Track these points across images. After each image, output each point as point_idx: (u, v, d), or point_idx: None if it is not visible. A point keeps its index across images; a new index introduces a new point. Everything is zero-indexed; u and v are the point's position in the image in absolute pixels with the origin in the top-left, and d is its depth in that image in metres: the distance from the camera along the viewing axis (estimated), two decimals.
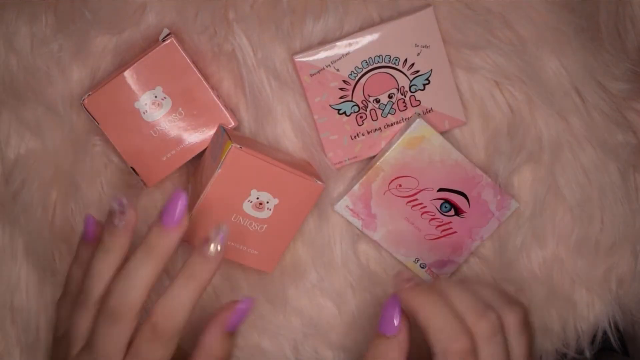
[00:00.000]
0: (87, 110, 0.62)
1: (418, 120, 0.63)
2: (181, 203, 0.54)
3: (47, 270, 0.67)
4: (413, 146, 0.64)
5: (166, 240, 0.54)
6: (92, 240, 0.59)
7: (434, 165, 0.64)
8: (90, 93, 0.61)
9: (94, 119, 0.62)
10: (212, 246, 0.53)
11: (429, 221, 0.66)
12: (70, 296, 0.60)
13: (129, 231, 0.55)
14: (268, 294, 0.67)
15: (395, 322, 0.54)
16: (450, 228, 0.67)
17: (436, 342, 0.52)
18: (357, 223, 0.66)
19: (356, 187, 0.65)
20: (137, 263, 0.54)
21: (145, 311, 0.54)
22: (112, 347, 0.54)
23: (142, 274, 0.53)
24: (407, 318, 0.55)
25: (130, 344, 0.54)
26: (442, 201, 0.66)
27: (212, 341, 0.57)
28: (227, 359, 0.58)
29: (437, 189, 0.65)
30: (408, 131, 0.63)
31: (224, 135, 0.59)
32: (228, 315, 0.57)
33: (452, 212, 0.66)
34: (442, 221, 0.66)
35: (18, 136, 0.65)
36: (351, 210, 0.66)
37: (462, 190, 0.65)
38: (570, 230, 0.68)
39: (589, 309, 0.70)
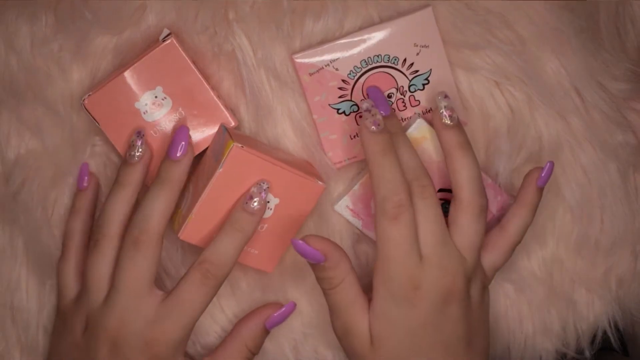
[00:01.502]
0: (88, 111, 0.62)
1: (419, 120, 0.63)
2: (184, 135, 0.60)
3: (47, 270, 0.67)
4: (414, 146, 0.64)
5: (175, 170, 0.59)
6: (87, 188, 0.63)
7: (434, 165, 0.64)
8: (90, 93, 0.61)
9: (94, 119, 0.62)
10: (255, 202, 0.58)
11: None
12: (74, 251, 0.63)
13: (144, 166, 0.61)
14: (268, 294, 0.67)
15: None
16: None
17: (378, 191, 0.58)
18: (357, 223, 0.66)
19: (356, 187, 0.65)
20: (153, 194, 0.58)
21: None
22: (140, 280, 0.58)
23: (159, 202, 0.58)
24: None
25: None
26: (442, 201, 0.65)
27: (249, 332, 0.63)
28: (255, 353, 0.63)
29: (437, 189, 0.65)
30: (409, 131, 0.63)
31: (226, 134, 0.59)
32: (271, 313, 0.63)
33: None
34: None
35: (18, 136, 0.65)
36: (351, 210, 0.66)
37: None
38: (570, 230, 0.68)
39: (588, 309, 0.70)
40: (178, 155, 0.59)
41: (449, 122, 0.60)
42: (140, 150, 0.60)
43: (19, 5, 0.62)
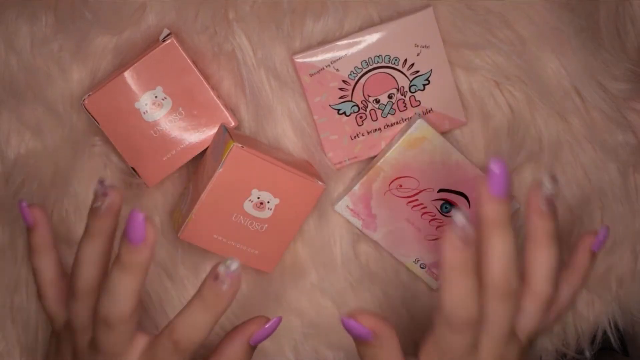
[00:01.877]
0: (88, 111, 0.62)
1: (419, 120, 0.63)
2: (139, 221, 0.51)
3: None
4: (414, 147, 0.64)
5: (137, 257, 0.52)
6: (35, 224, 0.59)
7: (435, 165, 0.64)
8: (90, 93, 0.61)
9: (95, 120, 0.62)
10: (225, 284, 0.51)
11: (429, 222, 0.66)
12: (49, 287, 0.60)
13: (113, 214, 0.54)
14: (268, 294, 0.67)
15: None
16: None
17: (444, 303, 0.52)
18: (358, 223, 0.66)
19: (356, 187, 0.65)
20: (115, 279, 0.52)
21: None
22: (117, 347, 0.54)
23: (123, 288, 0.52)
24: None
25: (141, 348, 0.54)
26: (443, 202, 0.66)
27: (234, 350, 0.58)
28: None
29: (438, 189, 0.65)
30: (409, 131, 0.63)
31: (226, 134, 0.59)
32: (256, 329, 0.58)
33: (452, 212, 0.66)
34: (442, 222, 0.66)
35: (18, 136, 0.65)
36: (351, 210, 0.66)
37: (462, 191, 0.65)
38: (570, 230, 0.68)
39: (589, 309, 0.70)
40: (137, 244, 0.51)
41: (546, 209, 0.54)
42: (106, 200, 0.53)
43: (19, 5, 0.62)
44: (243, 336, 0.58)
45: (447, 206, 0.66)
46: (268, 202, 0.61)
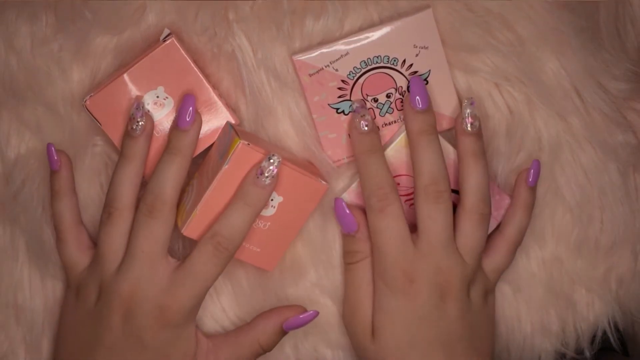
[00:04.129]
0: (89, 112, 0.62)
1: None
2: (191, 103, 0.60)
3: (48, 269, 0.67)
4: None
5: (185, 138, 0.60)
6: (60, 168, 0.63)
7: None
8: (92, 94, 0.61)
9: (96, 120, 0.62)
10: (266, 176, 0.58)
11: None
12: (69, 232, 0.63)
13: (147, 137, 0.61)
14: (268, 293, 0.68)
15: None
16: None
17: (364, 188, 0.62)
18: None
19: (355, 184, 0.65)
20: (165, 164, 0.59)
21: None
22: (155, 247, 0.59)
23: (172, 171, 0.59)
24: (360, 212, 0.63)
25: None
26: None
27: (265, 328, 0.63)
28: (266, 350, 0.64)
29: None
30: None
31: (232, 132, 0.60)
32: (292, 315, 0.63)
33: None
34: None
35: (18, 136, 0.65)
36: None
37: (459, 190, 0.65)
38: (570, 230, 0.68)
39: (588, 309, 0.70)
40: (186, 124, 0.60)
41: (469, 129, 0.61)
42: (141, 122, 0.60)
43: (19, 5, 0.62)
44: (278, 318, 0.63)
45: None
46: (272, 200, 0.61)
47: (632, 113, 0.66)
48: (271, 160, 0.58)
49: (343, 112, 0.64)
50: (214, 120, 0.63)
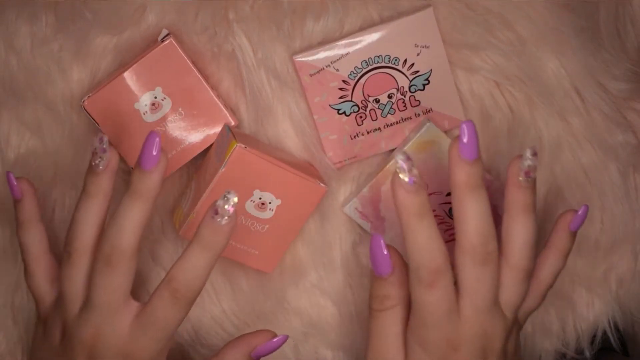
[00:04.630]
0: (87, 112, 0.62)
1: (428, 124, 0.63)
2: (156, 143, 0.54)
3: None
4: (423, 150, 0.64)
5: (148, 182, 0.54)
6: (23, 196, 0.60)
7: (444, 169, 0.64)
8: (89, 94, 0.61)
9: (94, 121, 0.62)
10: (224, 218, 0.52)
11: (438, 225, 0.66)
12: (36, 264, 0.60)
13: (111, 173, 0.56)
14: (268, 294, 0.68)
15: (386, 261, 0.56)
16: None
17: (412, 257, 0.54)
18: (366, 225, 0.66)
19: (365, 189, 0.65)
20: (125, 208, 0.54)
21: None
22: (114, 296, 0.55)
23: (131, 217, 0.54)
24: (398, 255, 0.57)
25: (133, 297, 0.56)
26: (451, 206, 0.65)
27: (233, 358, 0.59)
28: None
29: (446, 193, 0.65)
30: (418, 135, 0.63)
31: (229, 134, 0.59)
32: (260, 343, 0.59)
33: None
34: (450, 225, 0.66)
35: (18, 136, 0.65)
36: (360, 212, 0.66)
37: None
38: None
39: (588, 309, 0.70)
40: (150, 165, 0.54)
41: (525, 183, 0.56)
42: (104, 157, 0.55)
43: (19, 5, 0.62)
44: (246, 346, 0.59)
45: None
46: (270, 202, 0.61)
47: (632, 113, 0.66)
48: (226, 199, 0.52)
49: (344, 113, 0.64)
50: (213, 121, 0.63)
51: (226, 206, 0.52)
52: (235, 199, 0.52)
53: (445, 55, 0.63)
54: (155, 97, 0.62)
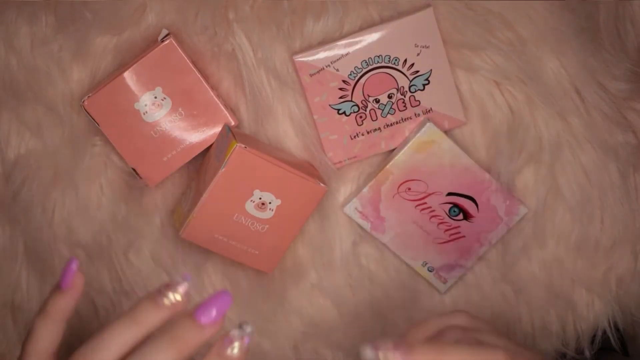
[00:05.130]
0: (87, 112, 0.62)
1: (428, 124, 0.63)
2: (225, 303, 0.46)
3: (47, 270, 0.67)
4: (423, 150, 0.64)
5: (196, 336, 0.46)
6: (70, 290, 0.50)
7: (444, 169, 0.64)
8: (89, 94, 0.61)
9: (94, 121, 0.62)
10: (235, 347, 0.46)
11: (438, 225, 0.66)
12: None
13: (173, 313, 0.48)
14: (268, 294, 0.68)
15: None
16: (459, 232, 0.67)
17: None
18: (366, 225, 0.66)
19: (366, 189, 0.65)
20: (158, 350, 0.47)
21: None
22: None
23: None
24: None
25: None
26: (451, 205, 0.66)
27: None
28: None
29: (446, 193, 0.65)
30: (418, 135, 0.63)
31: (229, 134, 0.59)
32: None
33: (460, 216, 0.66)
34: (450, 225, 0.66)
35: (18, 136, 0.65)
36: (360, 212, 0.66)
37: (471, 195, 0.65)
38: (570, 230, 0.68)
39: (588, 309, 0.70)
40: (206, 322, 0.46)
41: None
42: (177, 296, 0.47)
43: (19, 5, 0.62)
44: None
45: (455, 209, 0.66)
46: (270, 202, 0.61)
47: (632, 113, 0.66)
48: (243, 329, 0.46)
49: (344, 113, 0.64)
50: (213, 121, 0.63)
51: (243, 337, 0.47)
52: (251, 329, 0.46)
53: (445, 55, 0.63)
54: (155, 97, 0.62)
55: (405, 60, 0.63)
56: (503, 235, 0.67)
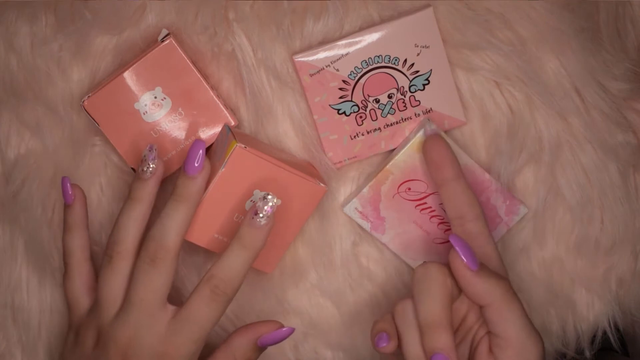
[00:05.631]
0: (87, 112, 0.61)
1: (428, 124, 0.63)
2: (201, 150, 0.58)
3: (47, 270, 0.67)
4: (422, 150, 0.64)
5: (192, 186, 0.58)
6: (74, 202, 0.61)
7: None
8: (89, 94, 0.61)
9: (94, 121, 0.62)
10: (262, 217, 0.57)
11: (438, 225, 0.66)
12: (76, 268, 0.61)
13: (157, 181, 0.59)
14: (268, 294, 0.68)
15: None
16: None
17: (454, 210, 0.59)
18: (366, 225, 0.66)
19: (365, 189, 0.65)
20: (170, 210, 0.57)
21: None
22: (154, 295, 0.57)
23: (176, 219, 0.57)
24: None
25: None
26: None
27: (240, 344, 0.61)
28: None
29: None
30: (418, 135, 0.63)
31: (229, 134, 0.59)
32: (268, 331, 0.60)
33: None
34: (450, 225, 0.66)
35: (18, 136, 0.65)
36: (360, 212, 0.66)
37: None
38: (570, 230, 0.68)
39: (588, 309, 0.70)
40: (195, 171, 0.58)
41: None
42: (152, 165, 0.59)
43: (19, 5, 0.62)
44: (253, 334, 0.61)
45: None
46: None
47: (632, 113, 0.66)
48: (267, 200, 0.57)
49: (344, 113, 0.64)
50: (213, 121, 0.63)
51: (266, 207, 0.57)
52: (275, 200, 0.57)
53: (445, 55, 0.63)
54: (155, 97, 0.62)
55: (405, 60, 0.63)
56: (503, 235, 0.67)
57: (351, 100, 0.64)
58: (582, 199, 0.67)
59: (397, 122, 0.64)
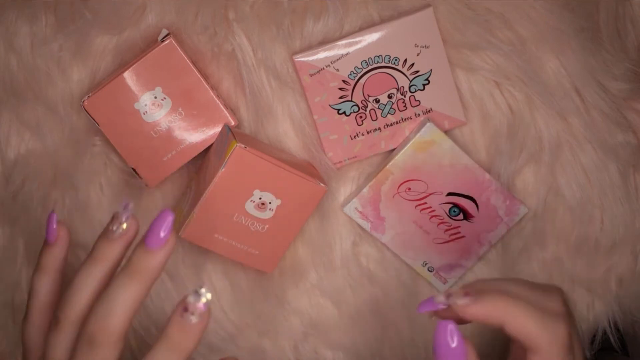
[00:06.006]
0: (87, 112, 0.61)
1: (428, 124, 0.63)
2: (167, 222, 0.48)
3: None
4: (423, 150, 0.64)
5: (151, 261, 0.47)
6: (55, 243, 0.53)
7: (444, 169, 0.64)
8: (89, 94, 0.61)
9: (94, 121, 0.62)
10: (193, 316, 0.46)
11: (438, 225, 0.66)
12: (37, 313, 0.54)
13: (126, 243, 0.50)
14: (268, 294, 0.68)
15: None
16: (459, 232, 0.67)
17: (533, 340, 0.49)
18: (366, 225, 0.66)
19: (365, 189, 0.65)
20: (119, 286, 0.47)
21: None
22: None
23: (125, 298, 0.47)
24: None
25: None
26: (451, 205, 0.66)
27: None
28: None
29: (446, 193, 0.65)
30: (418, 135, 0.63)
31: (229, 134, 0.59)
32: None
33: (460, 216, 0.66)
34: (450, 225, 0.66)
35: (18, 136, 0.65)
36: (360, 212, 0.66)
37: (471, 195, 0.65)
38: (570, 230, 0.68)
39: (588, 309, 0.70)
40: (157, 244, 0.47)
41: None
42: (123, 226, 0.49)
43: (19, 5, 0.62)
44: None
45: (455, 210, 0.66)
46: (270, 202, 0.61)
47: (632, 113, 0.66)
48: (199, 294, 0.46)
49: (344, 113, 0.64)
50: (213, 121, 0.63)
51: (198, 304, 0.46)
52: (209, 296, 0.46)
53: (445, 55, 0.63)
54: (155, 97, 0.62)
55: (405, 60, 0.63)
56: (503, 235, 0.67)
57: (351, 100, 0.64)
58: (582, 199, 0.67)
59: (397, 122, 0.64)
